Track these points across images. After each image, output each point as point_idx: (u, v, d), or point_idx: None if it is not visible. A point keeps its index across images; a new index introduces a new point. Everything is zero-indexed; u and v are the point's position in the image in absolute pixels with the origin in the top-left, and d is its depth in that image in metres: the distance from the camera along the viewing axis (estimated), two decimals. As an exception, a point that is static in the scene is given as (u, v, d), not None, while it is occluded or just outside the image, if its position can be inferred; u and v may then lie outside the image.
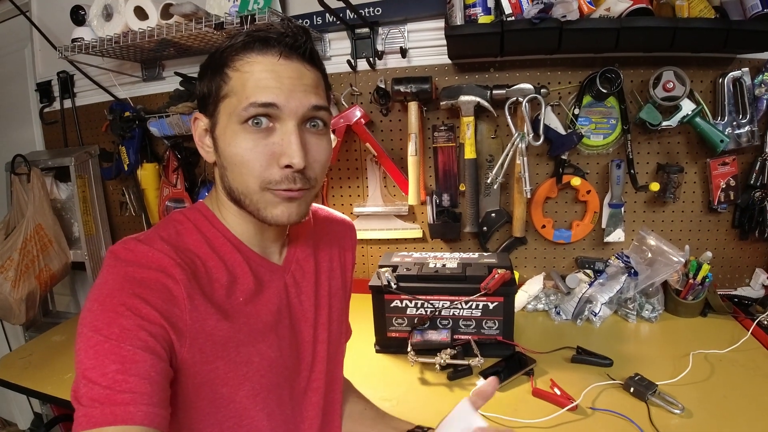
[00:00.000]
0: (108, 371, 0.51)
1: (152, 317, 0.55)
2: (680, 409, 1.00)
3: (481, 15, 1.34)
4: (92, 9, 1.55)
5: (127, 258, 0.58)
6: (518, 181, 1.51)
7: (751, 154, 1.45)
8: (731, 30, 1.25)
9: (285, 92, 0.61)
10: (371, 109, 1.63)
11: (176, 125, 1.67)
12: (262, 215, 0.65)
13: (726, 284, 1.57)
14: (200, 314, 0.60)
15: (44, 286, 1.79)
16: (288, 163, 0.61)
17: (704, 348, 1.23)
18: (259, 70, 0.61)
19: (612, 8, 1.27)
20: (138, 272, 0.57)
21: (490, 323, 1.26)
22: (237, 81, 0.61)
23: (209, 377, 0.61)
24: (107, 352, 0.52)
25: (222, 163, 0.65)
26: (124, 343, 0.52)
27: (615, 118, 1.49)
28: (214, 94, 0.64)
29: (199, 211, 0.70)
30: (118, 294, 0.55)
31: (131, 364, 0.52)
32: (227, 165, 0.64)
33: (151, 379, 0.53)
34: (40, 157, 1.93)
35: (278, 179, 0.62)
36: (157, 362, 0.54)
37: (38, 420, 2.30)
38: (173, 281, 0.58)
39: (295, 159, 0.60)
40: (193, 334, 0.59)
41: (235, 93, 0.61)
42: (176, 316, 0.57)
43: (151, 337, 0.54)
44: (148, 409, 0.51)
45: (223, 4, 1.47)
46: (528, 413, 1.03)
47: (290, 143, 0.61)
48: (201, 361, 0.60)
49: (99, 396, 0.50)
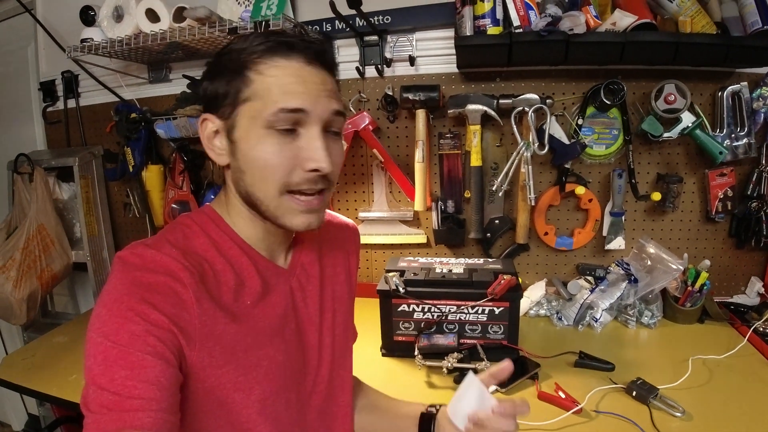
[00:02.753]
0: (117, 377, 0.51)
1: (161, 322, 0.55)
2: (681, 412, 1.03)
3: (490, 26, 1.37)
4: (102, 10, 1.55)
5: (135, 263, 0.58)
6: (522, 189, 1.53)
7: (749, 165, 1.49)
8: (732, 45, 1.29)
9: (312, 98, 0.62)
10: (378, 115, 1.65)
11: (183, 128, 1.68)
12: (281, 222, 0.65)
13: (722, 292, 1.61)
14: (209, 318, 0.60)
15: (45, 287, 1.78)
16: (315, 167, 0.62)
17: (702, 354, 1.26)
18: (286, 75, 0.61)
19: (618, 22, 1.30)
20: (146, 277, 0.57)
21: (495, 328, 1.29)
22: (261, 84, 0.61)
23: (219, 381, 0.61)
24: (116, 358, 0.52)
25: (239, 166, 0.64)
26: (133, 348, 0.53)
27: (617, 128, 1.53)
28: (231, 96, 0.63)
29: (206, 214, 0.70)
30: (127, 299, 0.55)
31: (140, 370, 0.52)
32: (246, 168, 0.63)
33: (160, 384, 0.53)
34: (42, 156, 1.92)
35: (299, 182, 0.63)
36: (167, 367, 0.54)
37: (33, 421, 2.28)
38: (181, 285, 0.58)
39: (322, 163, 0.62)
40: (202, 337, 0.59)
41: (260, 97, 0.61)
42: (185, 320, 0.58)
43: (160, 342, 0.54)
44: (158, 415, 0.51)
45: (235, 9, 1.48)
46: (534, 416, 1.05)
47: (317, 148, 0.62)
48: (210, 365, 0.60)
49: (108, 402, 0.51)
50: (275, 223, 0.66)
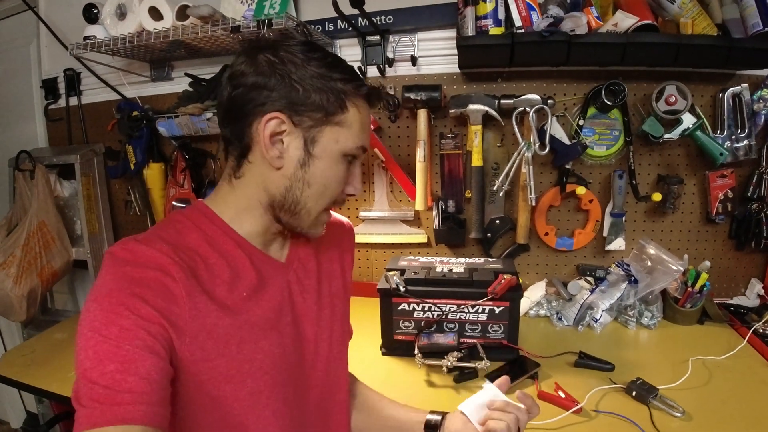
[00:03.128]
0: (107, 371, 0.52)
1: (151, 316, 0.55)
2: (681, 412, 1.03)
3: (492, 27, 1.37)
4: (106, 7, 1.55)
5: (126, 258, 0.59)
6: (523, 189, 1.54)
7: (749, 167, 1.50)
8: (733, 47, 1.30)
9: (369, 140, 0.74)
10: (380, 115, 1.66)
11: (185, 126, 1.68)
12: (306, 230, 0.73)
13: (722, 293, 1.61)
14: (200, 311, 0.61)
15: (46, 284, 1.78)
16: (353, 193, 0.74)
17: (702, 354, 1.26)
18: (364, 116, 0.71)
19: (619, 24, 1.31)
20: (136, 272, 0.58)
21: (495, 327, 1.29)
22: (352, 117, 0.69)
23: (211, 375, 0.62)
24: (107, 352, 0.52)
25: (305, 178, 0.68)
26: (124, 342, 0.53)
27: (618, 129, 1.53)
28: (324, 111, 0.66)
29: (198, 210, 0.71)
30: (117, 294, 0.55)
31: (131, 364, 0.52)
32: (313, 182, 0.69)
33: (150, 378, 0.53)
34: (43, 153, 1.93)
35: (338, 201, 0.74)
36: (157, 361, 0.55)
37: (31, 419, 2.27)
38: (172, 279, 0.59)
39: (359, 191, 0.76)
40: (193, 331, 0.59)
41: (349, 127, 0.68)
42: (175, 315, 0.58)
43: (151, 336, 0.55)
44: (148, 409, 0.52)
45: (237, 8, 1.49)
46: (534, 415, 1.06)
47: (358, 177, 0.75)
48: (202, 359, 0.60)
49: (99, 396, 0.51)
50: (298, 228, 0.73)
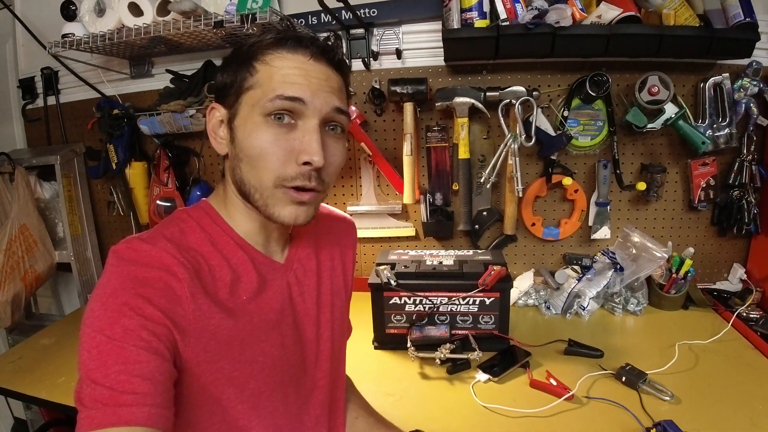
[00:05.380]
0: (111, 372, 0.51)
1: (155, 317, 0.55)
2: (670, 396, 1.06)
3: (477, 19, 1.37)
4: (84, 4, 1.51)
5: (130, 257, 0.58)
6: (510, 181, 1.55)
7: (730, 155, 1.52)
8: (714, 38, 1.32)
9: (311, 90, 0.62)
10: (365, 109, 1.65)
11: (168, 123, 1.65)
12: (269, 212, 0.65)
13: (706, 279, 1.65)
14: (203, 313, 0.60)
15: (29, 288, 1.74)
16: (308, 160, 0.61)
17: (688, 339, 1.30)
18: (289, 66, 0.62)
19: (603, 15, 1.32)
20: (141, 271, 0.57)
21: (486, 318, 1.30)
22: (264, 74, 0.62)
23: (214, 377, 0.61)
24: (110, 353, 0.52)
25: (237, 154, 0.64)
26: (127, 343, 0.52)
27: (602, 120, 1.54)
28: (237, 84, 0.64)
29: (202, 209, 0.70)
30: (121, 294, 0.55)
31: (134, 365, 0.52)
32: (243, 157, 0.63)
33: (154, 379, 0.53)
34: (22, 155, 1.88)
35: (293, 176, 0.62)
36: (161, 362, 0.54)
37: (19, 425, 2.23)
38: (176, 280, 0.58)
39: (315, 156, 0.61)
40: (197, 333, 0.59)
41: (261, 85, 0.62)
42: (179, 315, 0.57)
43: (154, 337, 0.54)
44: (152, 410, 0.51)
45: (219, 2, 1.46)
46: (527, 403, 1.07)
47: (311, 141, 0.62)
48: (205, 361, 0.60)
49: (102, 397, 0.50)
50: (264, 214, 0.66)
